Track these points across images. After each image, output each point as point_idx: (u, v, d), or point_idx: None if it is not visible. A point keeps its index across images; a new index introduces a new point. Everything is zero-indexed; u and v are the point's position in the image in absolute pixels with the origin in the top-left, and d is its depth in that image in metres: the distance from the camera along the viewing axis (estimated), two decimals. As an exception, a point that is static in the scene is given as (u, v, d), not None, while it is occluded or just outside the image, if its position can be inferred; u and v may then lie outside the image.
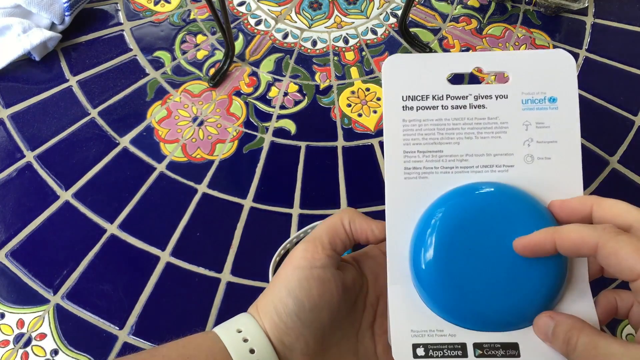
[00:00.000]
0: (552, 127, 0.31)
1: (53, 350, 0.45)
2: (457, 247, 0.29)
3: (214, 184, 0.53)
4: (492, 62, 0.32)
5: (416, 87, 0.32)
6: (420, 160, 0.32)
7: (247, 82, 0.60)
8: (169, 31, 0.63)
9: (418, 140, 0.32)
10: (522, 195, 0.30)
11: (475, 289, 0.29)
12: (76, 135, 0.56)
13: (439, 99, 0.32)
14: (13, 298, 0.47)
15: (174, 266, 0.49)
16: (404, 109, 0.32)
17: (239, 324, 0.31)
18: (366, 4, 0.66)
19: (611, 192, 0.53)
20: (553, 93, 0.32)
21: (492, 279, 0.29)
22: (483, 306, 0.29)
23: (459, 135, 0.32)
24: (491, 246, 0.29)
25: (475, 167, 0.31)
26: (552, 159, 0.31)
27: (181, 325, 0.46)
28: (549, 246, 0.27)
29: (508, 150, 0.31)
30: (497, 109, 0.32)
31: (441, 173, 0.31)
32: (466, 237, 0.29)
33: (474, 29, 0.64)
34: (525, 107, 0.32)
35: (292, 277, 0.30)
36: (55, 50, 0.61)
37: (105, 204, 0.52)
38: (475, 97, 0.32)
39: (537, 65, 0.32)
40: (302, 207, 0.52)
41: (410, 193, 0.31)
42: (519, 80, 0.32)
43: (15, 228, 0.50)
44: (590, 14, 0.65)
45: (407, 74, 0.32)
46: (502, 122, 0.32)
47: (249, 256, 0.49)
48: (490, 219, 0.29)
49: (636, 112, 0.58)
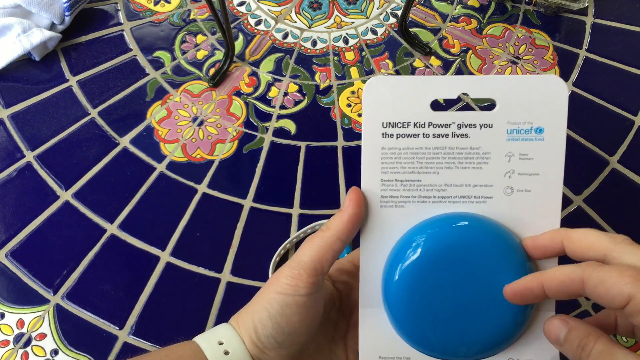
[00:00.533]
0: (535, 159, 0.30)
1: (53, 350, 0.45)
2: (427, 278, 0.29)
3: (214, 184, 0.53)
4: (478, 88, 0.31)
5: (397, 113, 0.31)
6: (398, 189, 0.31)
7: (247, 82, 0.60)
8: (169, 31, 0.63)
9: (396, 169, 0.31)
10: (497, 229, 0.30)
11: (443, 320, 0.29)
12: (76, 135, 0.56)
13: (421, 127, 0.31)
14: (13, 298, 0.47)
15: (174, 266, 0.49)
16: (383, 136, 0.31)
17: (220, 335, 0.31)
18: (366, 4, 0.66)
19: (611, 192, 0.53)
20: (540, 123, 0.30)
21: (461, 312, 0.29)
22: (450, 337, 0.29)
23: (438, 165, 0.31)
24: (462, 279, 0.29)
25: (454, 197, 0.31)
26: (532, 192, 0.31)
27: (181, 325, 0.46)
28: (538, 290, 0.27)
29: (488, 182, 0.31)
30: (481, 138, 0.31)
31: (418, 202, 0.31)
32: (437, 268, 0.29)
33: (474, 29, 0.64)
34: (510, 138, 0.31)
35: (274, 302, 0.30)
36: (55, 50, 0.61)
37: (105, 204, 0.52)
38: (458, 125, 0.31)
39: (526, 91, 0.30)
40: (302, 207, 0.52)
41: (385, 221, 0.31)
42: (506, 108, 0.30)
43: (15, 228, 0.50)
44: (590, 14, 0.65)
45: (389, 98, 0.31)
46: (484, 153, 0.31)
47: (249, 256, 0.49)
48: (463, 252, 0.29)
49: (636, 112, 0.58)
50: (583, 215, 0.52)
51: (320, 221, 0.49)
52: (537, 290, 0.27)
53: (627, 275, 0.24)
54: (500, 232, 0.30)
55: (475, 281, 0.29)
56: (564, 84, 0.30)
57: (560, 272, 0.26)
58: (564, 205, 0.52)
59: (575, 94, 0.59)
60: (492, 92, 0.31)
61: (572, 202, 0.52)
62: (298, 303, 0.29)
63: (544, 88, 0.30)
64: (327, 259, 0.30)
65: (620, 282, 0.23)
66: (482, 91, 0.31)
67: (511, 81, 0.30)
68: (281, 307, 0.29)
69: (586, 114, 0.58)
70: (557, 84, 0.30)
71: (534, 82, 0.30)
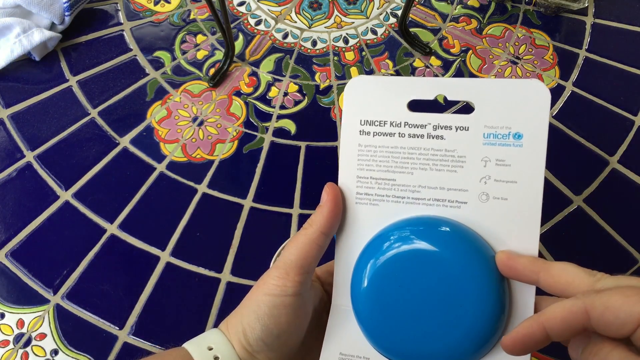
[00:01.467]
0: (513, 166, 0.29)
1: (53, 350, 0.45)
2: (395, 282, 0.29)
3: (214, 184, 0.53)
4: (457, 90, 0.30)
5: (375, 112, 0.31)
6: (373, 187, 0.31)
7: (247, 82, 0.60)
8: (169, 31, 0.63)
9: (372, 167, 0.31)
10: (472, 238, 0.29)
11: (407, 326, 0.29)
12: (76, 135, 0.56)
13: (397, 126, 0.31)
14: (13, 298, 0.47)
15: (174, 266, 0.49)
16: (360, 133, 0.32)
17: (210, 341, 0.31)
18: (366, 4, 0.66)
19: (611, 192, 0.53)
20: (519, 129, 0.29)
21: (426, 320, 0.28)
22: (413, 344, 0.29)
23: (413, 165, 0.31)
24: (429, 285, 0.28)
25: (427, 199, 0.30)
26: (508, 200, 0.29)
27: (181, 325, 0.46)
28: (540, 335, 0.24)
29: (462, 186, 0.30)
30: (456, 141, 0.30)
31: (392, 202, 0.31)
32: (405, 273, 0.29)
33: (474, 29, 0.64)
34: (487, 142, 0.29)
35: (262, 303, 0.29)
36: (55, 50, 0.61)
37: (105, 204, 0.52)
38: (434, 126, 0.30)
39: (506, 95, 0.29)
40: (302, 207, 0.52)
41: (360, 218, 0.31)
42: (483, 112, 0.29)
43: (15, 228, 0.50)
44: (590, 14, 0.65)
45: (369, 97, 0.31)
46: (459, 156, 0.30)
47: (249, 256, 0.49)
48: (434, 258, 0.28)
49: (636, 112, 0.58)
50: (583, 215, 0.52)
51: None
52: (540, 335, 0.24)
53: (631, 295, 0.22)
54: (475, 241, 0.29)
55: (443, 290, 0.28)
56: (546, 89, 0.29)
57: (561, 309, 0.24)
58: (564, 206, 0.52)
59: (575, 94, 0.59)
60: (470, 95, 0.30)
61: (572, 202, 0.52)
62: (286, 303, 0.29)
63: (525, 93, 0.29)
64: (313, 255, 0.30)
65: (627, 305, 0.22)
66: (460, 93, 0.30)
67: (490, 85, 0.29)
68: (269, 309, 0.29)
69: (586, 114, 0.58)
70: (539, 88, 0.29)
71: (514, 86, 0.29)
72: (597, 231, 0.51)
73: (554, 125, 0.57)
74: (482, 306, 0.28)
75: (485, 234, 0.29)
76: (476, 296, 0.28)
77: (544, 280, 0.26)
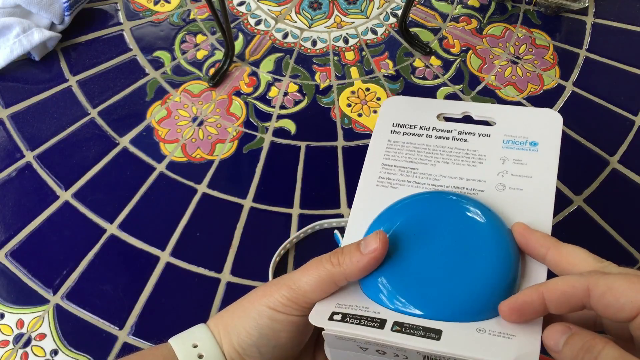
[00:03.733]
0: (529, 164, 0.32)
1: (53, 350, 0.45)
2: (409, 237, 0.29)
3: (213, 184, 0.53)
4: (480, 111, 0.34)
5: (407, 118, 0.34)
6: (395, 174, 0.33)
7: (247, 82, 0.60)
8: (169, 31, 0.63)
9: (397, 158, 0.33)
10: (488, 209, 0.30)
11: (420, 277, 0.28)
12: (76, 135, 0.56)
13: (426, 129, 0.34)
14: (13, 298, 0.47)
15: (174, 266, 0.49)
16: (391, 132, 0.34)
17: (195, 338, 0.30)
18: (366, 4, 0.66)
19: (611, 192, 0.53)
20: (535, 138, 0.32)
21: (438, 272, 0.28)
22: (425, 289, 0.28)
23: (436, 159, 0.33)
24: (445, 244, 0.29)
25: (446, 186, 0.32)
26: (524, 191, 0.31)
27: (181, 325, 0.46)
28: (538, 304, 0.25)
29: (481, 177, 0.32)
30: (478, 144, 0.33)
31: (412, 187, 0.32)
32: (420, 230, 0.29)
33: (474, 28, 0.64)
34: (506, 146, 0.33)
35: (264, 314, 0.28)
36: (55, 50, 0.61)
37: (105, 204, 0.52)
38: (459, 132, 0.34)
39: (524, 118, 0.33)
40: (302, 207, 0.52)
41: (378, 198, 0.32)
42: (504, 125, 0.33)
43: (15, 228, 0.50)
44: (591, 14, 0.65)
45: (402, 109, 0.35)
46: (480, 155, 0.33)
47: (249, 256, 0.49)
48: (450, 220, 0.29)
49: (636, 112, 0.58)
50: (583, 215, 0.52)
51: (320, 221, 0.49)
52: (538, 303, 0.25)
53: (637, 282, 0.22)
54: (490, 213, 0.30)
55: (458, 238, 0.29)
56: (559, 115, 0.32)
57: (563, 282, 0.24)
58: (564, 206, 0.52)
59: (575, 93, 0.59)
60: (493, 114, 0.34)
61: (572, 202, 0.52)
62: (290, 321, 0.28)
63: (540, 117, 0.33)
64: (328, 292, 0.28)
65: (630, 291, 0.22)
66: (484, 113, 0.34)
67: (512, 109, 0.34)
68: (271, 322, 0.28)
69: (586, 114, 0.58)
70: (552, 115, 0.33)
71: (532, 112, 0.33)
72: (597, 231, 0.51)
73: (554, 125, 0.57)
74: (498, 255, 0.28)
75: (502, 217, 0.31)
76: (493, 245, 0.28)
77: (552, 256, 0.27)
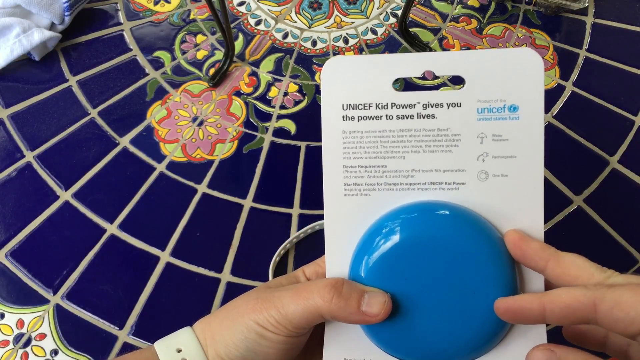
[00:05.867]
0: (511, 140, 0.28)
1: (53, 350, 0.45)
2: (398, 274, 0.27)
3: (214, 184, 0.53)
4: (445, 65, 0.28)
5: (358, 95, 0.29)
6: (362, 176, 0.29)
7: (247, 82, 0.60)
8: (169, 31, 0.63)
9: (359, 154, 0.29)
10: (475, 220, 0.27)
11: (414, 321, 0.27)
12: (76, 135, 0.56)
13: (383, 108, 0.29)
14: (13, 298, 0.47)
15: (174, 266, 0.49)
16: (344, 119, 0.29)
17: (180, 342, 0.29)
18: (366, 4, 0.66)
19: (611, 192, 0.53)
20: (514, 101, 0.27)
21: (436, 310, 0.27)
22: (424, 339, 0.27)
23: (404, 149, 0.28)
24: (435, 275, 0.27)
25: (422, 184, 0.28)
26: (509, 177, 0.28)
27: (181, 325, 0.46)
28: (537, 312, 0.24)
29: (459, 166, 0.28)
30: (449, 119, 0.28)
31: (385, 190, 0.28)
32: (409, 264, 0.27)
33: (474, 28, 0.64)
34: (481, 117, 0.28)
35: (252, 330, 0.27)
36: (55, 50, 0.61)
37: (105, 204, 0.52)
38: (424, 105, 0.28)
39: (498, 67, 0.27)
40: (302, 207, 0.52)
41: (351, 211, 0.29)
42: (475, 85, 0.28)
43: (15, 228, 0.50)
44: (590, 14, 0.65)
45: (349, 79, 0.29)
46: (453, 134, 0.28)
47: (249, 256, 0.49)
48: (438, 246, 0.27)
49: (636, 112, 0.58)
50: (583, 215, 0.52)
51: (320, 221, 0.49)
52: (537, 312, 0.24)
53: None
54: (478, 222, 0.27)
55: (451, 278, 0.26)
56: (540, 57, 0.27)
57: (567, 295, 0.23)
58: (564, 206, 0.52)
59: (575, 94, 0.59)
60: (460, 69, 0.28)
61: (572, 202, 0.52)
62: (278, 340, 0.27)
63: (517, 63, 0.27)
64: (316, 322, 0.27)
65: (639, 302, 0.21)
66: (448, 68, 0.28)
67: (481, 56, 0.28)
68: (259, 338, 0.27)
69: (586, 114, 0.58)
70: (532, 57, 0.27)
71: (506, 56, 0.27)
72: (597, 231, 0.51)
73: (553, 125, 0.57)
74: (495, 291, 0.26)
75: (488, 214, 0.28)
76: (489, 281, 0.26)
77: (552, 269, 0.25)
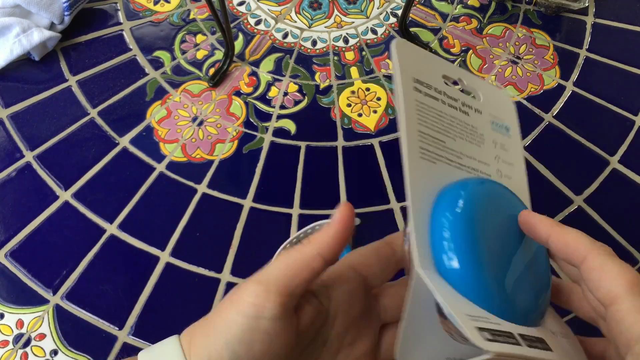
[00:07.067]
0: (509, 151, 0.33)
1: (52, 350, 0.45)
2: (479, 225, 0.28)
3: (213, 184, 0.53)
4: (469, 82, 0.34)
5: (423, 74, 0.32)
6: (431, 145, 0.30)
7: (247, 82, 0.60)
8: (169, 31, 0.63)
9: (428, 125, 0.31)
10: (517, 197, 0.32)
11: (501, 277, 0.28)
12: (76, 135, 0.56)
13: (440, 93, 0.32)
14: (13, 298, 0.47)
15: (173, 266, 0.49)
16: (415, 90, 0.31)
17: (165, 353, 0.27)
18: (366, 4, 0.66)
19: (611, 192, 0.53)
20: (507, 122, 0.34)
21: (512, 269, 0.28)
22: (510, 295, 0.28)
23: (454, 132, 0.32)
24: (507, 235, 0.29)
25: (467, 167, 0.31)
26: (511, 180, 0.32)
27: (181, 325, 0.46)
28: (543, 234, 0.27)
29: (486, 160, 0.32)
30: (476, 120, 0.33)
31: (445, 163, 0.31)
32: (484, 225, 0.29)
33: (474, 28, 0.64)
34: (493, 128, 0.33)
35: (233, 325, 0.25)
36: (54, 50, 0.61)
37: (105, 204, 0.51)
38: (462, 102, 0.33)
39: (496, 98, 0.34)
40: (302, 207, 0.51)
41: (426, 174, 0.30)
42: (487, 104, 0.34)
43: (15, 228, 0.50)
44: (591, 13, 0.65)
45: (416, 60, 0.32)
46: (480, 134, 0.33)
47: (249, 256, 0.49)
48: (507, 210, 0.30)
49: (636, 112, 0.58)
50: (583, 215, 0.52)
51: (320, 221, 0.49)
52: (543, 234, 0.27)
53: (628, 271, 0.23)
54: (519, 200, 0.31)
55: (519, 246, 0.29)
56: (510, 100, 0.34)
57: (574, 237, 0.25)
58: (564, 206, 0.52)
59: (575, 93, 0.59)
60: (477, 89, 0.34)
61: (572, 202, 0.52)
62: (261, 328, 0.25)
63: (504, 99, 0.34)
64: (303, 277, 0.25)
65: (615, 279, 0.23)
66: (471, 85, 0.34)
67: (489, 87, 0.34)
68: (241, 332, 0.25)
69: (586, 114, 0.58)
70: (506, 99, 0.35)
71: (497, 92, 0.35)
72: (597, 231, 0.51)
73: (554, 125, 0.57)
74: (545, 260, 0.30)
75: None
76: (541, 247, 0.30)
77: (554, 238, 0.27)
